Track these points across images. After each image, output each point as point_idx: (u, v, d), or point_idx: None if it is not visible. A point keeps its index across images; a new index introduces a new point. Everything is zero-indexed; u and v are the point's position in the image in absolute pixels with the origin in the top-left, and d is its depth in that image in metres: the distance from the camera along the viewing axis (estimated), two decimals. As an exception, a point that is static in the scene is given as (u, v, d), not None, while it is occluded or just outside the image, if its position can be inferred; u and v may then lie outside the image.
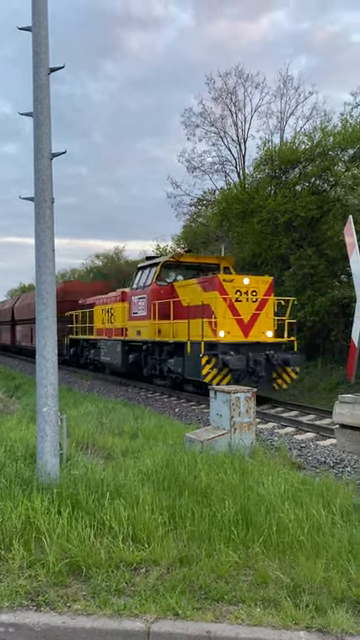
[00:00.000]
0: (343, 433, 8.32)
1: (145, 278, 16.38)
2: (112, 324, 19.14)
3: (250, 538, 4.39)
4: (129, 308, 17.15)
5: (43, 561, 4.01)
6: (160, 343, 15.23)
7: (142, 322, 16.06)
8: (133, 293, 16.91)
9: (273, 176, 26.28)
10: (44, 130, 5.78)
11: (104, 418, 10.32)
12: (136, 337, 16.56)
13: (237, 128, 31.99)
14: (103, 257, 54.93)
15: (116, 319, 18.75)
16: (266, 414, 11.53)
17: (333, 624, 3.30)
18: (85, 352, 22.66)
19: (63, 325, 23.18)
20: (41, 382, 5.70)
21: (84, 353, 22.81)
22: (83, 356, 22.99)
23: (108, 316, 19.73)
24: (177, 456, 6.55)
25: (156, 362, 15.72)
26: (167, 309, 14.57)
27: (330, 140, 24.70)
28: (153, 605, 3.51)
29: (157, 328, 15.17)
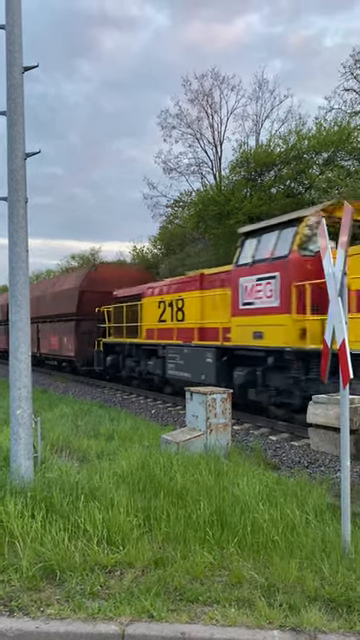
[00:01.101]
0: (317, 433, 8.41)
1: (269, 246, 10.53)
2: (180, 322, 13.72)
3: (225, 539, 4.41)
4: (233, 296, 11.31)
5: (16, 565, 3.96)
6: (312, 354, 9.38)
7: (267, 318, 10.26)
8: (241, 272, 11.12)
9: (249, 178, 26.49)
10: (18, 129, 5.72)
11: (79, 420, 10.24)
12: (252, 342, 10.66)
13: (213, 130, 32.20)
14: (79, 258, 54.66)
15: (190, 314, 13.29)
16: (241, 415, 11.58)
17: (306, 622, 3.33)
18: (130, 362, 16.59)
19: (91, 325, 19.20)
20: (14, 384, 5.63)
21: (127, 363, 16.74)
22: (127, 367, 16.85)
23: (172, 311, 14.13)
24: (153, 458, 6.54)
25: (304, 386, 9.65)
26: (320, 296, 8.68)
27: (305, 143, 25.05)
28: (128, 607, 3.50)
29: (303, 328, 9.52)
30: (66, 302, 20.12)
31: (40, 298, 23.09)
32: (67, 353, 20.34)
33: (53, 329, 21.88)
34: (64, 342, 20.50)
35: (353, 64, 27.29)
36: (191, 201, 31.66)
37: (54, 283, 23.91)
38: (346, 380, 4.25)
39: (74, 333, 19.48)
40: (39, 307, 22.66)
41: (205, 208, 26.28)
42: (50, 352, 22.61)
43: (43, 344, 23.49)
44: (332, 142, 24.09)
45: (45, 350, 23.25)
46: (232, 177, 28.02)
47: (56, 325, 21.45)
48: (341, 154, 25.04)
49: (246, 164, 26.21)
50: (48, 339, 22.84)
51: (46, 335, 22.95)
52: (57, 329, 21.29)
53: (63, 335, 20.56)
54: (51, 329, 22.16)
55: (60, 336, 20.93)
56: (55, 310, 21.46)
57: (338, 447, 7.49)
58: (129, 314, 16.47)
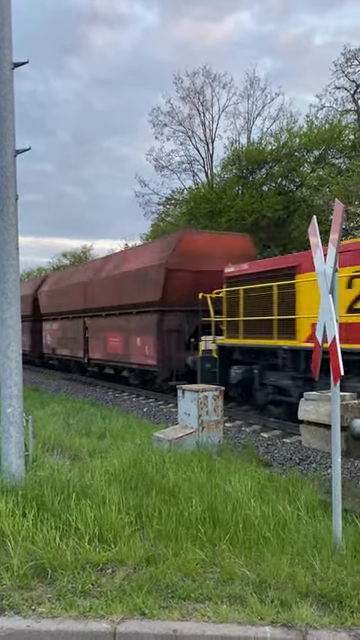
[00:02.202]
0: (308, 430, 8.45)
1: None
2: None
3: (217, 536, 4.41)
4: None
5: (7, 564, 3.94)
6: None
7: None
8: None
9: (240, 176, 26.52)
10: (7, 126, 5.69)
11: (71, 419, 10.22)
12: None
13: (205, 128, 32.20)
14: (70, 256, 54.55)
15: None
16: (233, 412, 11.61)
17: (298, 618, 3.34)
18: (280, 379, 10.23)
19: (180, 320, 13.44)
20: (5, 383, 5.61)
21: (272, 380, 10.49)
22: (269, 387, 10.62)
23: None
24: (145, 455, 6.54)
25: None
26: None
27: (296, 141, 25.09)
28: (119, 605, 3.49)
29: None
30: (143, 287, 14.09)
31: (87, 285, 18.11)
32: (140, 360, 14.44)
33: (113, 325, 16.10)
34: (135, 344, 14.68)
35: (344, 62, 27.40)
36: (183, 199, 31.66)
37: (117, 262, 17.20)
38: (337, 377, 4.27)
39: (155, 331, 13.43)
40: (85, 296, 17.96)
41: (197, 206, 26.28)
42: (108, 358, 16.64)
43: (94, 346, 17.49)
44: (323, 140, 24.17)
45: (98, 355, 17.12)
46: (224, 175, 28.05)
47: (119, 320, 15.85)
48: (332, 152, 25.14)
49: (238, 162, 26.24)
50: (103, 339, 16.82)
51: (100, 334, 17.22)
52: (122, 326, 15.71)
53: (134, 334, 14.78)
54: (110, 325, 16.30)
55: (128, 335, 15.23)
56: (119, 299, 15.57)
57: (329, 444, 7.52)
58: (260, 302, 10.77)
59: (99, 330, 17.33)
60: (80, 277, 19.98)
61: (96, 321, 17.49)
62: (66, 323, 20.83)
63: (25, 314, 22.93)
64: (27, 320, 23.97)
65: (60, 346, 21.72)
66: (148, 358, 14.00)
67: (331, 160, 25.35)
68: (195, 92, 31.63)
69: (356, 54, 27.18)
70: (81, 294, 18.93)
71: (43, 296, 23.47)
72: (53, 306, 22.17)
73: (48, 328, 23.11)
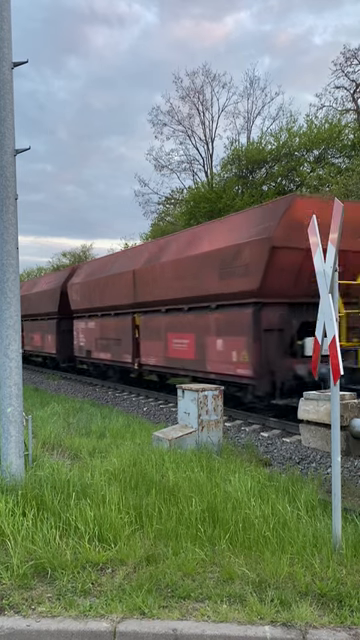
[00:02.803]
0: (308, 429, 8.45)
1: None
2: None
3: (217, 535, 4.41)
4: None
5: (7, 564, 3.94)
6: None
7: None
8: None
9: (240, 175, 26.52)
10: (7, 126, 5.69)
11: (71, 418, 10.23)
12: None
13: (204, 127, 32.21)
14: (70, 255, 54.54)
15: None
16: (233, 411, 11.61)
17: (297, 618, 3.34)
18: None
19: (285, 316, 10.15)
20: (5, 382, 5.61)
21: None
22: None
23: None
24: (145, 455, 6.54)
25: None
26: None
27: (296, 141, 25.08)
28: (119, 605, 3.50)
29: None
30: (230, 271, 10.66)
31: (139, 273, 14.42)
32: (223, 369, 10.97)
33: (179, 323, 12.76)
34: (215, 347, 11.25)
35: (344, 62, 27.40)
36: (182, 198, 31.66)
37: (186, 241, 12.91)
38: (336, 376, 4.27)
39: (251, 330, 10.10)
40: (136, 287, 14.55)
41: (196, 205, 26.28)
42: (169, 364, 13.11)
43: (149, 349, 13.93)
44: (323, 139, 24.17)
45: (154, 360, 13.78)
46: (223, 174, 28.05)
47: (188, 317, 12.31)
48: (332, 151, 25.13)
49: (237, 161, 26.24)
50: (163, 341, 13.25)
51: (158, 334, 13.58)
52: (191, 323, 12.18)
53: (212, 334, 11.32)
54: (174, 323, 12.94)
55: (202, 336, 11.70)
56: (189, 289, 12.13)
57: (329, 443, 7.53)
58: None
59: (157, 329, 13.57)
60: (128, 264, 15.71)
61: (152, 318, 13.79)
62: (107, 321, 16.87)
63: (49, 311, 21.32)
64: (52, 318, 21.16)
65: (98, 348, 17.48)
66: (238, 367, 10.45)
67: (331, 160, 25.35)
68: (195, 91, 31.66)
69: (356, 53, 27.20)
70: (129, 285, 15.00)
71: (75, 289, 19.20)
72: (88, 301, 18.02)
73: (81, 327, 19.01)
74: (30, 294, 23.93)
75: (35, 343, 23.82)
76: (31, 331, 24.35)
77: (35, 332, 23.78)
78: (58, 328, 20.83)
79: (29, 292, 24.32)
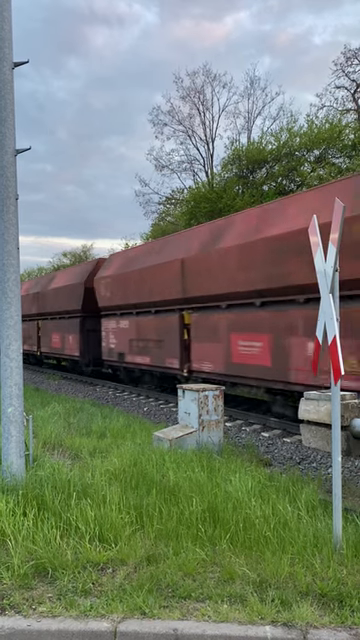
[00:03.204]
0: (309, 429, 8.45)
1: None
2: None
3: (217, 535, 4.41)
4: None
5: (8, 564, 3.94)
6: None
7: None
8: None
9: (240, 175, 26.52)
10: (7, 126, 5.69)
11: (72, 418, 10.23)
12: None
13: (205, 127, 32.21)
14: (71, 255, 54.56)
15: None
16: (234, 411, 11.61)
17: (298, 618, 3.34)
18: None
19: None
20: (5, 382, 5.61)
21: None
22: None
23: None
24: (145, 455, 6.54)
25: None
26: None
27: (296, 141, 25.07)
28: (120, 605, 3.50)
29: None
30: None
31: (188, 262, 12.42)
32: None
33: (248, 322, 10.66)
34: (304, 351, 9.22)
35: (344, 62, 27.39)
36: (183, 198, 31.66)
37: (265, 218, 10.43)
38: (337, 377, 4.27)
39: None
40: (185, 279, 12.54)
41: (197, 205, 26.27)
42: (237, 372, 11.01)
43: (204, 352, 12.05)
44: (323, 139, 24.16)
45: (210, 366, 11.87)
46: (224, 174, 28.05)
47: (263, 314, 10.29)
48: (332, 151, 25.11)
49: (238, 161, 26.24)
50: (224, 343, 11.34)
51: (217, 335, 11.67)
52: (265, 322, 10.20)
53: (300, 334, 9.34)
54: (240, 322, 10.87)
55: (283, 337, 9.71)
56: (269, 279, 9.92)
57: (330, 443, 7.52)
58: None
59: (215, 330, 11.61)
60: (174, 251, 13.44)
61: (207, 316, 11.88)
62: (145, 319, 14.82)
63: (71, 308, 19.06)
64: (74, 316, 18.96)
65: (134, 351, 15.47)
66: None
67: (331, 160, 25.33)
68: (195, 91, 31.66)
69: (356, 53, 27.19)
70: (176, 277, 12.89)
71: (103, 284, 17.07)
72: (121, 297, 15.94)
73: (111, 327, 16.94)
74: (47, 290, 21.95)
75: (54, 344, 21.46)
76: (49, 331, 21.95)
77: (54, 332, 21.35)
78: (82, 328, 18.65)
79: (46, 288, 22.34)
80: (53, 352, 21.84)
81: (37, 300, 23.24)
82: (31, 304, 23.82)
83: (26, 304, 23.54)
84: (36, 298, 23.40)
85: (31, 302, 23.86)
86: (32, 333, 24.31)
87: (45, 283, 23.45)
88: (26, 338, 24.29)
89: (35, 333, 23.99)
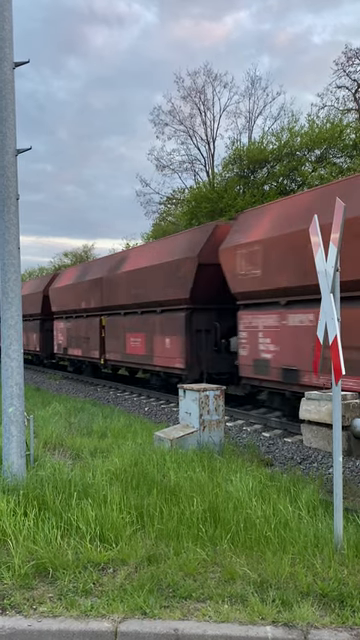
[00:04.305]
0: (310, 429, 8.44)
1: None
2: None
3: (218, 535, 4.41)
4: None
5: (8, 564, 3.94)
6: None
7: None
8: None
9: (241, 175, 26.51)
10: (8, 126, 5.69)
11: (73, 418, 10.23)
12: None
13: (206, 127, 32.21)
14: (72, 255, 54.58)
15: None
16: (234, 411, 11.61)
17: (299, 618, 3.34)
18: None
19: None
20: (6, 382, 5.61)
21: None
22: None
23: None
24: (146, 455, 6.54)
25: None
26: None
27: (297, 140, 25.06)
28: (121, 605, 3.49)
29: None
30: None
31: None
32: None
33: None
34: None
35: (345, 61, 27.37)
36: (184, 198, 31.66)
37: None
38: (338, 376, 4.26)
39: None
40: None
41: (198, 205, 26.27)
42: None
43: None
44: (324, 139, 24.14)
45: None
46: (225, 174, 28.04)
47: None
48: (333, 151, 25.09)
49: (239, 161, 26.23)
50: None
51: None
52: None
53: None
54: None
55: None
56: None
57: (331, 443, 7.52)
58: None
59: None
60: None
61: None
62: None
63: (180, 297, 12.83)
64: (210, 307, 12.78)
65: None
66: None
67: (332, 159, 25.31)
68: (196, 91, 31.66)
69: (357, 53, 27.16)
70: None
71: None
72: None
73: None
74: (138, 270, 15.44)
75: (144, 350, 14.93)
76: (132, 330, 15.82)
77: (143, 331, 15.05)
78: (188, 325, 12.79)
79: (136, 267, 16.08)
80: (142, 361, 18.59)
81: (99, 289, 24.87)
82: None
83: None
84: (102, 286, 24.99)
85: None
86: None
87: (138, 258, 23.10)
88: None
89: None
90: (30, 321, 24.43)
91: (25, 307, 20.17)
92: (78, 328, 19.83)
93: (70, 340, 20.79)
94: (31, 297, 23.93)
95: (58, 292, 21.61)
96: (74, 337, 20.35)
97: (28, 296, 23.65)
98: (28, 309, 23.31)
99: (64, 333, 21.20)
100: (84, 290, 18.96)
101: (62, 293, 21.25)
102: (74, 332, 20.29)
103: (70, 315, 20.63)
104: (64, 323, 21.22)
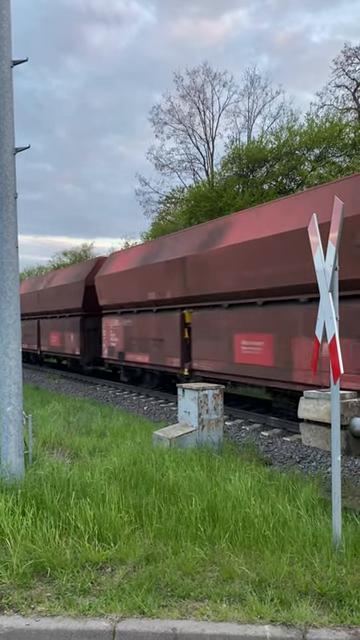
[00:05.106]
0: (308, 428, 8.44)
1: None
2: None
3: (216, 534, 4.41)
4: None
5: (6, 563, 3.94)
6: None
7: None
8: None
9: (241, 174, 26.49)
10: (6, 124, 5.68)
11: (71, 417, 10.23)
12: None
13: (205, 126, 32.19)
14: (71, 254, 54.55)
15: None
16: (233, 410, 11.61)
17: (297, 617, 3.33)
18: None
19: None
20: (4, 381, 5.60)
21: None
22: None
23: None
24: (145, 454, 6.54)
25: None
26: None
27: (296, 140, 25.05)
28: (119, 604, 3.49)
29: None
30: None
31: None
32: None
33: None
34: None
35: (344, 60, 27.36)
36: (183, 197, 31.64)
37: None
38: (336, 376, 4.26)
39: None
40: None
41: (197, 204, 26.26)
42: None
43: None
44: (324, 138, 24.13)
45: None
46: (224, 173, 28.03)
47: None
48: (332, 150, 25.09)
49: (238, 160, 26.22)
50: None
51: None
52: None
53: None
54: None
55: None
56: None
57: (329, 442, 7.52)
58: None
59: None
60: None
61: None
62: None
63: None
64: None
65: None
66: None
67: (332, 158, 25.31)
68: (195, 90, 31.64)
69: (356, 52, 27.15)
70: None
71: None
72: None
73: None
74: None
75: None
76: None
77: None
78: None
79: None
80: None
81: None
82: None
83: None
84: None
85: None
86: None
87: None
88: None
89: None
90: (66, 318, 19.72)
91: (60, 301, 20.08)
92: (143, 326, 14.89)
93: (129, 342, 15.64)
94: (68, 289, 19.28)
95: (110, 281, 16.57)
96: (136, 338, 15.26)
97: (63, 287, 19.71)
98: (64, 303, 19.45)
99: (120, 333, 16.23)
100: (154, 276, 14.01)
101: (116, 282, 16.08)
102: (136, 332, 15.31)
103: (129, 310, 15.71)
104: (120, 320, 16.31)
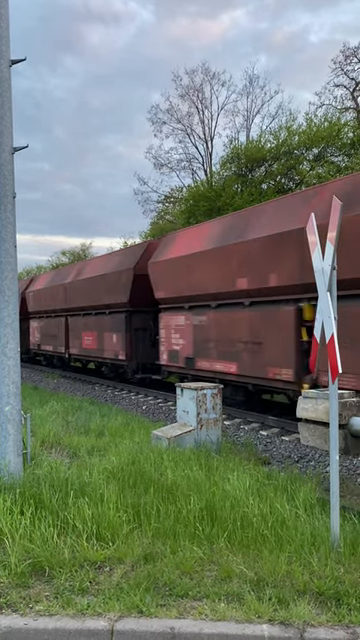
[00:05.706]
0: (307, 428, 8.44)
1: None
2: None
3: (215, 534, 4.41)
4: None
5: (5, 562, 3.94)
6: None
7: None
8: None
9: (239, 174, 26.48)
10: (5, 124, 5.67)
11: (70, 417, 10.23)
12: None
13: (204, 126, 32.19)
14: (70, 254, 54.52)
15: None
16: (232, 410, 11.60)
17: (295, 616, 3.34)
18: None
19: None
20: (3, 381, 5.60)
21: None
22: None
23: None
24: (143, 453, 6.54)
25: None
26: None
27: (295, 139, 25.04)
28: (117, 603, 3.49)
29: None
30: None
31: None
32: None
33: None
34: None
35: (343, 60, 27.36)
36: (182, 197, 31.64)
37: None
38: (335, 375, 4.26)
39: None
40: None
41: (196, 204, 26.25)
42: None
43: None
44: (322, 138, 24.13)
45: None
46: (223, 173, 28.02)
47: None
48: (331, 150, 25.09)
49: (237, 160, 26.22)
50: None
51: None
52: None
53: None
54: None
55: None
56: None
57: (327, 442, 7.52)
58: None
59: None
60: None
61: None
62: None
63: None
64: None
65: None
66: None
67: (330, 158, 25.31)
68: (194, 90, 31.63)
69: (355, 52, 27.15)
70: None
71: None
72: None
73: None
74: None
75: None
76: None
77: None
78: None
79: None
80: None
81: None
82: None
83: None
84: None
85: None
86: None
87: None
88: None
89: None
90: (105, 315, 16.08)
91: (97, 295, 16.39)
92: (227, 325, 11.29)
93: (203, 345, 12.08)
94: (109, 280, 15.68)
95: (171, 267, 12.92)
96: (214, 340, 11.67)
97: (102, 278, 16.17)
98: (103, 297, 16.04)
99: (187, 333, 12.65)
100: (246, 258, 10.39)
101: (182, 268, 12.49)
102: (214, 332, 11.74)
103: (203, 304, 12.06)
104: (187, 317, 12.66)
